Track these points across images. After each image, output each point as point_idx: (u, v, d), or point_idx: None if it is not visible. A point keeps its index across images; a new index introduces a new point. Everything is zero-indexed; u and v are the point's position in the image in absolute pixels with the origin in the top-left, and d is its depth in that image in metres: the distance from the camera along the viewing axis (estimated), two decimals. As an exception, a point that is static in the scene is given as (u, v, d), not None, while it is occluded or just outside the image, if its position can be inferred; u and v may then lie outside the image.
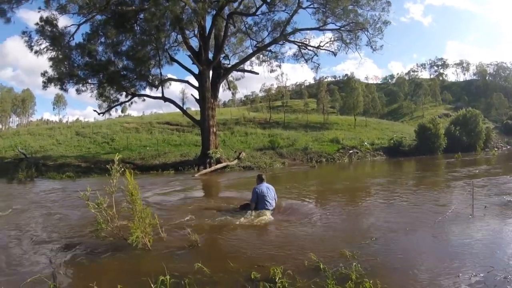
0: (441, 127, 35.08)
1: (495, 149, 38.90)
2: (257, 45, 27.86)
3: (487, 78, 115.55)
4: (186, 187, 15.18)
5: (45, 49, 22.89)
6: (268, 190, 8.38)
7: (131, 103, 27.89)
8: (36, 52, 22.73)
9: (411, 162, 26.80)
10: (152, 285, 4.11)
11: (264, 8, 25.78)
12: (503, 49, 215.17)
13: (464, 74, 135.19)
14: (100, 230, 5.79)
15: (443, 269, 4.63)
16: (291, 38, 27.33)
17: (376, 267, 4.76)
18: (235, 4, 25.75)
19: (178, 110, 28.98)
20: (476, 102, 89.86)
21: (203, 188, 15.93)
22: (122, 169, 5.87)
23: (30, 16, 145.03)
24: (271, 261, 4.97)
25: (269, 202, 8.18)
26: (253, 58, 29.73)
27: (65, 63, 23.76)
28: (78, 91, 25.39)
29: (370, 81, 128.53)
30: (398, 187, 12.91)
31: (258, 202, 8.18)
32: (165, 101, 25.73)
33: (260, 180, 8.65)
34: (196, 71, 24.98)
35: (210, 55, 25.62)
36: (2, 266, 5.35)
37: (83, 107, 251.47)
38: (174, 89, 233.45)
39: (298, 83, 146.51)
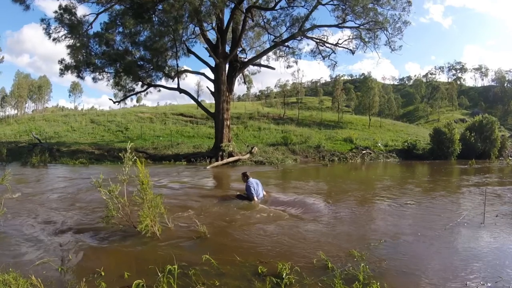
0: (457, 132, 34.58)
1: (510, 158, 38.18)
2: (274, 40, 27.79)
3: (505, 84, 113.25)
4: (197, 178, 15.22)
5: (63, 37, 23.21)
6: (257, 184, 9.49)
7: (147, 93, 28.13)
8: (54, 39, 23.04)
9: (424, 166, 26.49)
10: (159, 274, 4.13)
11: (283, 2, 25.72)
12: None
13: (483, 79, 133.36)
14: (110, 216, 5.85)
15: (450, 276, 4.57)
16: (309, 34, 27.22)
17: (384, 270, 4.72)
18: (254, -2, 25.71)
19: (192, 102, 29.04)
20: (493, 109, 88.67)
21: (214, 180, 15.96)
22: (135, 158, 5.91)
23: (48, 4, 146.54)
24: (279, 257, 4.98)
25: (259, 194, 9.34)
26: (270, 53, 29.73)
27: (83, 51, 24.02)
28: (95, 80, 25.65)
29: (387, 82, 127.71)
30: (410, 191, 12.77)
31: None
32: (180, 93, 25.84)
33: (247, 177, 9.67)
34: (212, 63, 25.06)
35: (227, 49, 25.63)
36: (11, 248, 5.44)
37: (98, 95, 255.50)
38: (189, 81, 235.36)
39: (313, 80, 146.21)
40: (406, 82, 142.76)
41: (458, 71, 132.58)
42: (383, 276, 4.44)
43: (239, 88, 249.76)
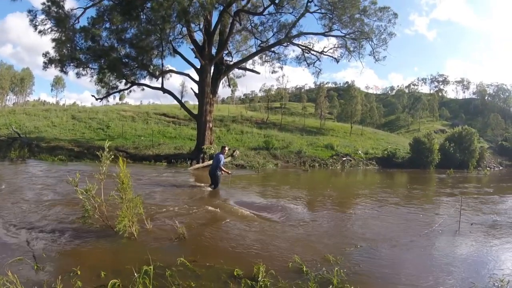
0: (436, 143, 35.21)
1: (488, 168, 39.10)
2: (261, 44, 27.85)
3: (486, 98, 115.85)
4: (177, 180, 15.13)
5: (49, 30, 22.78)
6: (215, 158, 12.32)
7: (130, 91, 27.73)
8: (40, 32, 22.63)
9: (403, 174, 26.92)
10: (135, 274, 4.13)
11: (271, 8, 25.78)
12: (504, 69, 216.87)
13: (464, 92, 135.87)
14: (87, 217, 5.80)
15: (424, 282, 4.68)
16: (296, 40, 27.35)
17: (358, 274, 4.81)
18: (243, 2, 25.73)
19: (176, 102, 28.81)
20: (473, 121, 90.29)
21: (194, 182, 15.82)
22: (112, 156, 5.87)
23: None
24: (255, 260, 5.00)
25: (212, 163, 12.80)
26: (256, 58, 29.70)
27: (68, 45, 23.61)
28: (78, 75, 25.18)
29: (370, 91, 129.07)
30: (387, 198, 12.96)
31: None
32: (164, 92, 25.63)
33: (221, 149, 12.92)
34: (197, 65, 24.91)
35: (213, 51, 25.55)
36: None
37: (80, 91, 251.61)
38: (174, 81, 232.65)
39: (298, 86, 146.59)
40: (389, 92, 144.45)
41: (440, 83, 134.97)
42: (357, 281, 4.53)
43: (223, 90, 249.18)
